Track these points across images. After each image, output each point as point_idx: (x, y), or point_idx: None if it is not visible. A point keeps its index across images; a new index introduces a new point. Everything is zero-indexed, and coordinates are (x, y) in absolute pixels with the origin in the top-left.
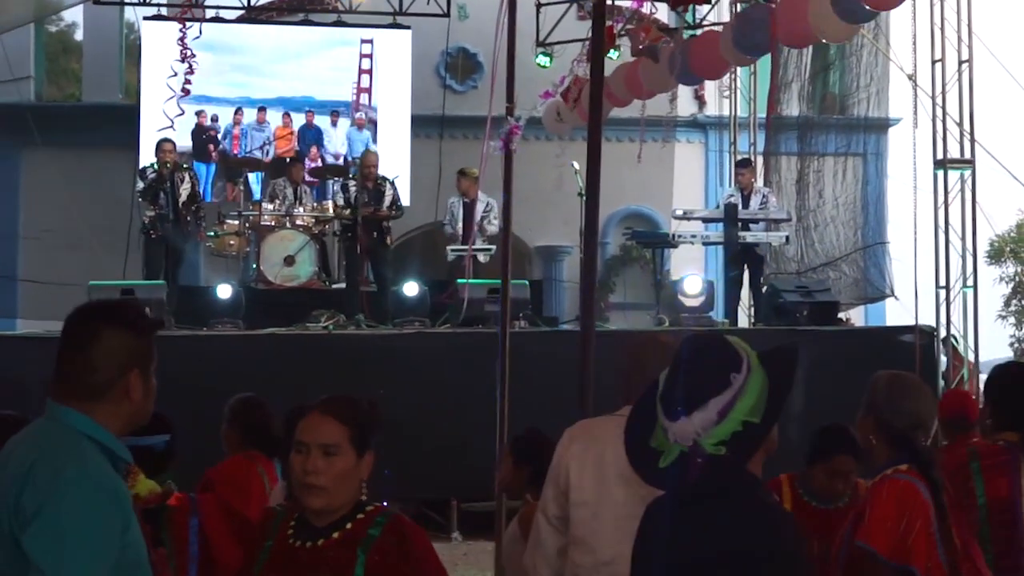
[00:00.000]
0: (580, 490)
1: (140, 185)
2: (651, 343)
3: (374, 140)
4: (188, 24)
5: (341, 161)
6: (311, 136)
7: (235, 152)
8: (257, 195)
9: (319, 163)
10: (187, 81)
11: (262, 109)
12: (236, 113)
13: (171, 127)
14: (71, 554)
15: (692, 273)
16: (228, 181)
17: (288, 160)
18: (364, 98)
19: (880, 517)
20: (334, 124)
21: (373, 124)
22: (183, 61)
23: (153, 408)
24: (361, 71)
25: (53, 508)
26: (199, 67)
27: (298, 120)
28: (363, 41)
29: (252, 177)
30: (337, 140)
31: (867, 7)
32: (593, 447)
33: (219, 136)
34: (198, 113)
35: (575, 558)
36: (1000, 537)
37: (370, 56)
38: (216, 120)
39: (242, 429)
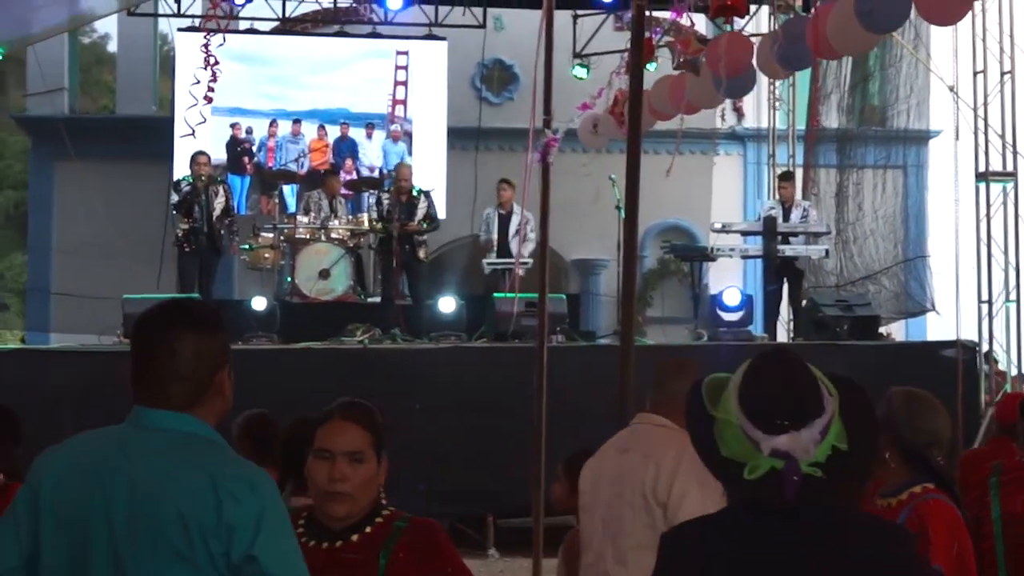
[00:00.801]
0: (583, 494)
1: (174, 198)
2: (676, 366)
3: (409, 152)
4: (211, 32)
5: (376, 173)
6: (346, 148)
7: (270, 165)
8: (292, 208)
9: (354, 175)
10: (210, 89)
11: (296, 121)
12: (271, 125)
13: (191, 134)
14: (294, 555)
15: (731, 286)
16: (263, 194)
17: (323, 172)
18: (399, 110)
19: (943, 543)
20: (369, 136)
21: (408, 136)
22: (206, 68)
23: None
24: (396, 83)
25: (271, 516)
26: (234, 78)
27: (333, 132)
28: (399, 53)
29: (287, 190)
30: (372, 152)
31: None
32: (598, 457)
33: (254, 148)
34: (232, 125)
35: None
36: (1014, 557)
37: (405, 68)
38: (251, 132)
39: (250, 444)
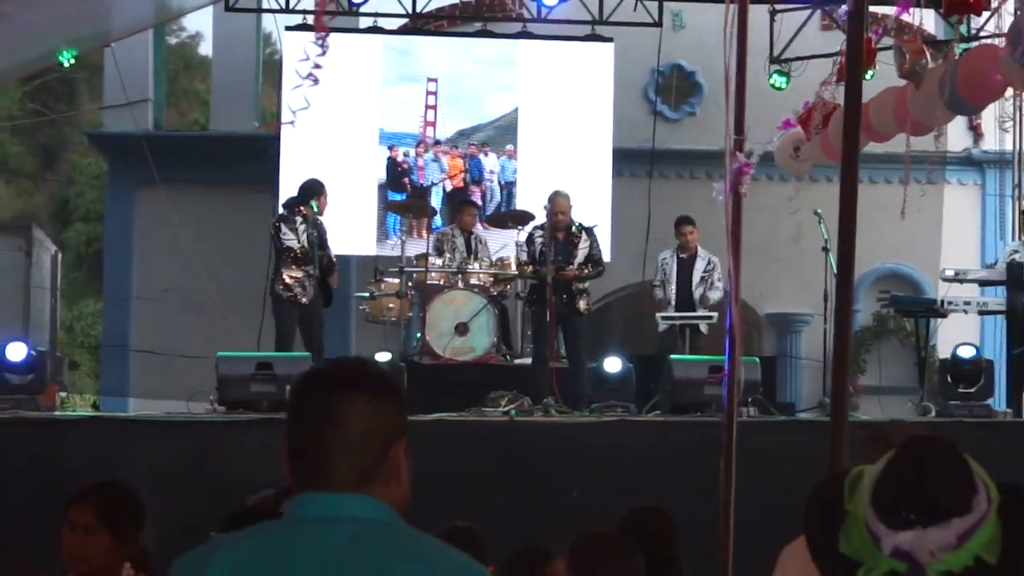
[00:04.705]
0: None
1: (292, 239)
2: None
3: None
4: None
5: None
6: (475, 169)
7: (420, 182)
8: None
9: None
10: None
11: (437, 142)
12: (418, 145)
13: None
14: None
15: (965, 343)
16: (414, 217)
17: (458, 202)
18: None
19: None
20: (485, 153)
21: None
22: (307, 77)
23: None
24: None
25: None
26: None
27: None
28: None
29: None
30: (490, 172)
31: None
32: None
33: (410, 168)
34: (391, 147)
35: None
36: None
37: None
38: (407, 155)
39: None
